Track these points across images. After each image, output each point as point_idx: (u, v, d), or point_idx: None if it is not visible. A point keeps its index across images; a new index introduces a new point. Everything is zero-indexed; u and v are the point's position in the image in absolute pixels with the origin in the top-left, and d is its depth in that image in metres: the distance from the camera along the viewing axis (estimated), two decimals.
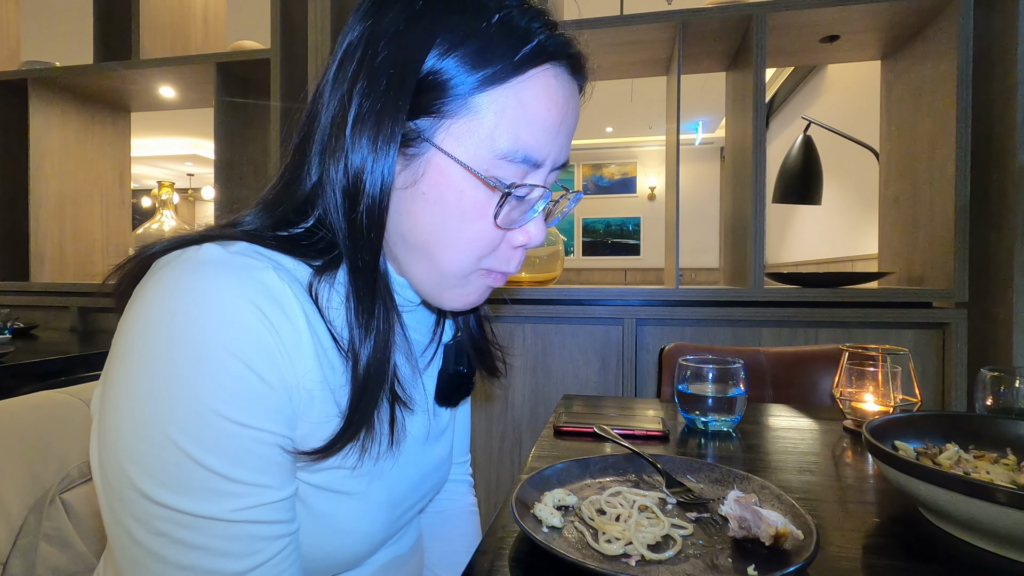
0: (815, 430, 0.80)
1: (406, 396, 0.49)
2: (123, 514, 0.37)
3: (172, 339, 0.36)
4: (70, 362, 1.37)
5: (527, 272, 1.60)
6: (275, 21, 1.76)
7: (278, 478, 0.40)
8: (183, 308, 0.37)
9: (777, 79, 4.96)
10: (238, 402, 0.37)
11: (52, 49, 4.47)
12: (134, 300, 0.39)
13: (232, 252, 0.40)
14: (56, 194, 2.04)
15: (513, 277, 1.62)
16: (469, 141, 0.43)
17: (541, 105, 0.44)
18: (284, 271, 0.42)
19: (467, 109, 0.43)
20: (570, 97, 0.47)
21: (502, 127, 0.43)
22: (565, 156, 0.49)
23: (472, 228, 0.45)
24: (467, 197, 0.44)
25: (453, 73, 0.42)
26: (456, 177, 0.44)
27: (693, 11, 1.47)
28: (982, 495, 0.42)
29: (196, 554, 0.37)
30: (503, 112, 0.43)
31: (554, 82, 0.45)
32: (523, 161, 0.44)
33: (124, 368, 0.37)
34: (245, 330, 0.38)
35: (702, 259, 7.50)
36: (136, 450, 0.36)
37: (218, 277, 0.38)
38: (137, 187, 9.25)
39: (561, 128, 0.46)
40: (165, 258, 0.41)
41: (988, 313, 1.34)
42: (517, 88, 0.43)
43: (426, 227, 0.45)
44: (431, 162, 0.44)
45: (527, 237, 0.48)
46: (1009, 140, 1.28)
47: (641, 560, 0.42)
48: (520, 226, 0.48)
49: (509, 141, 0.43)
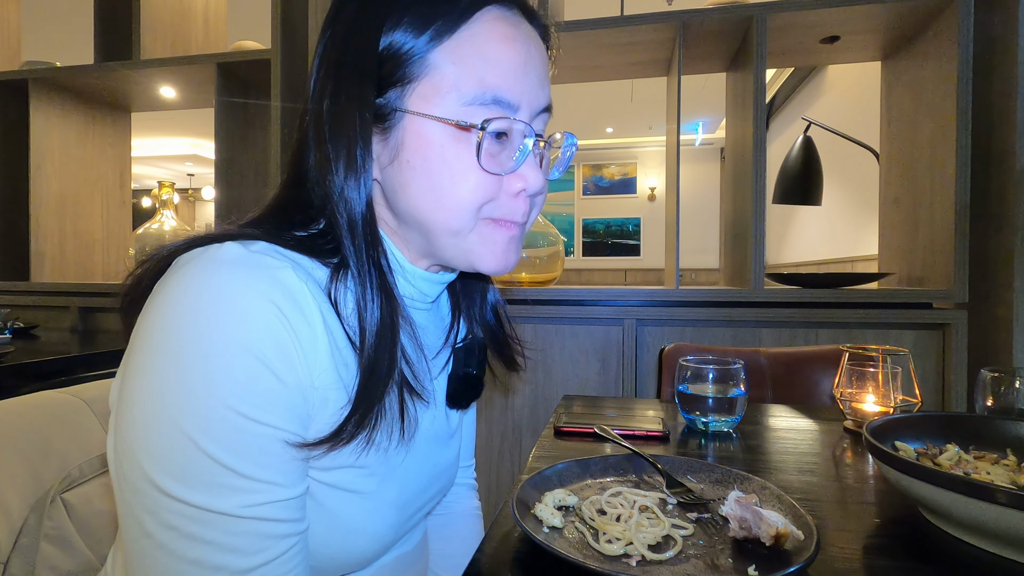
0: (815, 430, 0.80)
1: (419, 386, 0.49)
2: (136, 506, 0.37)
3: (191, 335, 0.37)
4: (70, 362, 1.37)
5: (527, 272, 1.60)
6: (275, 21, 1.76)
7: (289, 476, 0.40)
8: (203, 304, 0.37)
9: (777, 80, 4.96)
10: (253, 399, 0.38)
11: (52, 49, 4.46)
12: (155, 296, 0.40)
13: (253, 251, 0.41)
14: (56, 194, 2.04)
15: (513, 277, 1.62)
16: (436, 97, 0.45)
17: (497, 46, 0.45)
18: (302, 271, 0.42)
19: (427, 67, 0.45)
20: (529, 38, 0.48)
21: (464, 74, 0.44)
22: (544, 100, 0.49)
23: (463, 183, 0.45)
24: (448, 151, 0.45)
25: (405, 38, 0.45)
26: (433, 135, 0.45)
27: (693, 12, 1.48)
28: (982, 496, 0.42)
29: (205, 548, 0.37)
30: (461, 60, 0.44)
31: (504, 23, 0.46)
32: (494, 103, 0.45)
33: (142, 362, 0.38)
34: (263, 328, 0.38)
35: (702, 259, 7.50)
36: (151, 443, 0.37)
37: (238, 275, 0.39)
38: (137, 187, 9.25)
39: (528, 69, 0.47)
40: (187, 255, 0.41)
41: (988, 314, 1.34)
42: (469, 34, 0.45)
43: (421, 196, 0.46)
44: (407, 129, 0.45)
45: (524, 182, 0.47)
46: (1009, 140, 1.28)
47: (642, 560, 0.42)
48: (514, 171, 0.47)
49: (474, 85, 0.44)
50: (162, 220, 1.92)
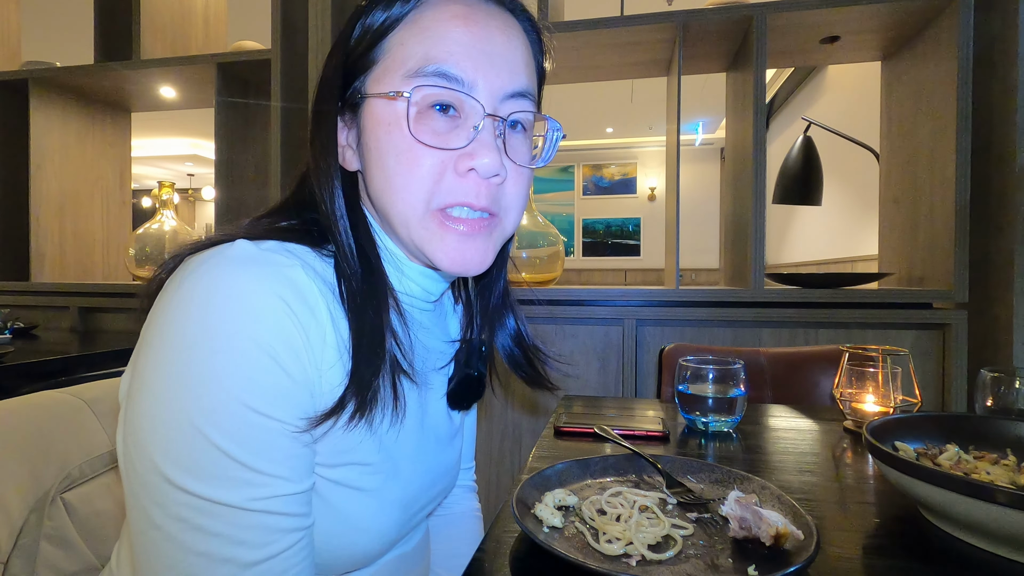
0: (815, 430, 0.80)
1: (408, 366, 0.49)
2: (144, 498, 0.38)
3: (202, 330, 0.37)
4: (70, 362, 1.37)
5: (527, 272, 1.60)
6: (275, 21, 1.76)
7: (296, 471, 0.41)
8: (213, 301, 0.38)
9: (777, 80, 4.96)
10: (262, 393, 0.38)
11: (52, 49, 4.47)
12: (165, 292, 0.40)
13: (263, 249, 0.42)
14: (56, 194, 2.04)
15: (513, 277, 1.62)
16: (387, 78, 0.47)
17: (448, 23, 0.46)
18: (311, 269, 0.43)
19: (383, 51, 0.47)
20: (489, 18, 0.48)
21: (410, 51, 0.46)
22: (514, 84, 0.47)
23: (404, 161, 0.45)
24: (394, 129, 0.46)
25: (369, 26, 0.48)
26: (383, 114, 0.46)
27: (693, 12, 1.48)
28: (982, 496, 0.42)
29: (213, 541, 0.37)
30: (409, 39, 0.46)
31: (456, 4, 0.47)
32: (437, 75, 0.45)
33: (153, 356, 0.38)
34: (272, 324, 0.39)
35: (702, 259, 7.50)
36: (161, 435, 0.37)
37: (249, 272, 0.39)
38: (137, 187, 9.25)
39: (486, 47, 0.46)
40: (199, 255, 0.42)
41: (988, 314, 1.34)
42: (418, 16, 0.47)
43: (377, 180, 0.48)
44: (365, 113, 0.48)
45: (472, 159, 0.45)
46: (1009, 140, 1.28)
47: (642, 560, 0.42)
48: (462, 149, 0.46)
49: (419, 60, 0.45)
50: (162, 220, 1.93)
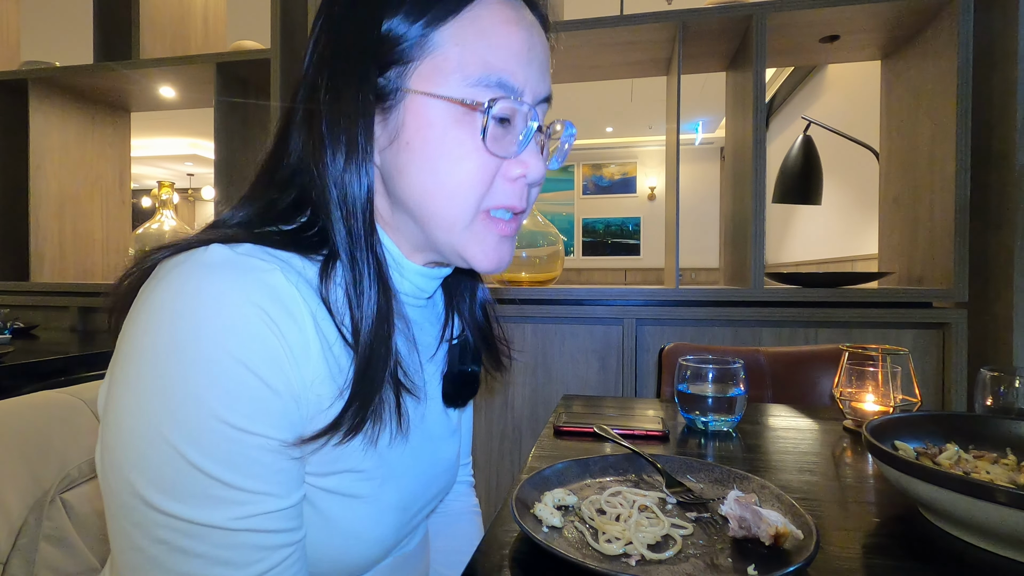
0: (815, 430, 0.80)
1: (410, 383, 0.48)
2: (123, 519, 0.36)
3: (175, 342, 0.36)
4: (70, 362, 1.37)
5: (527, 272, 1.60)
6: (275, 21, 1.76)
7: (282, 486, 0.39)
8: (187, 311, 0.36)
9: (777, 79, 4.96)
10: (241, 408, 0.36)
11: (52, 49, 4.46)
12: (139, 302, 0.38)
13: (239, 253, 0.39)
14: (56, 194, 2.04)
15: (513, 277, 1.62)
16: (439, 77, 0.44)
17: (501, 29, 0.45)
18: (292, 272, 0.41)
19: (430, 47, 0.44)
20: (532, 25, 0.48)
21: (468, 56, 0.44)
22: (546, 89, 0.49)
23: (462, 166, 0.45)
24: (450, 132, 0.44)
25: (407, 18, 0.44)
26: (435, 115, 0.44)
27: (693, 11, 1.47)
28: (982, 495, 0.42)
29: (197, 562, 0.36)
30: (465, 42, 0.44)
31: (507, 7, 0.46)
32: (499, 86, 0.44)
33: (127, 370, 0.37)
34: (250, 335, 0.37)
35: (702, 259, 7.50)
36: (137, 455, 0.36)
37: (224, 280, 0.37)
38: (137, 187, 9.25)
39: (531, 56, 0.46)
40: (172, 260, 0.40)
41: (988, 313, 1.34)
42: (472, 17, 0.44)
43: (419, 180, 0.45)
44: (408, 109, 0.44)
45: (524, 167, 0.47)
46: (1009, 140, 1.28)
47: (641, 560, 0.42)
48: (516, 157, 0.47)
49: (478, 67, 0.44)
50: (162, 220, 1.92)
